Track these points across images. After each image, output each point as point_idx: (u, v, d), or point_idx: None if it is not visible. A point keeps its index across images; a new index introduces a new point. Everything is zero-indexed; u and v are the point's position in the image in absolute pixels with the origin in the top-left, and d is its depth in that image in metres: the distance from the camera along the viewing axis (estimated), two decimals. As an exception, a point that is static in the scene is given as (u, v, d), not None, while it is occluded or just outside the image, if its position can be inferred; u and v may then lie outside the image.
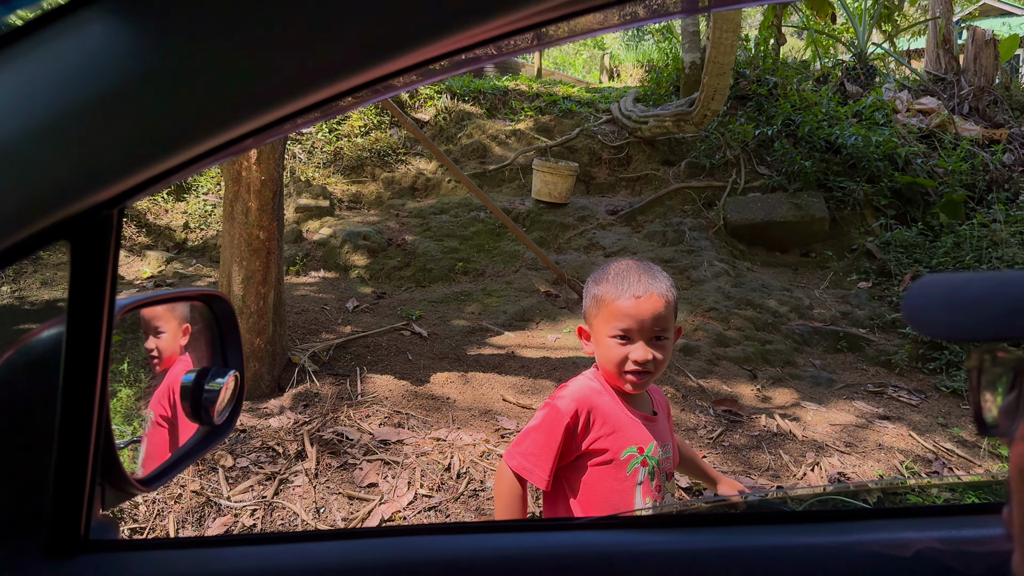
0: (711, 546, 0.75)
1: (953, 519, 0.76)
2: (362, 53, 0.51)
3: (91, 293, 0.63)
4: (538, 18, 0.52)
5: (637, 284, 1.46)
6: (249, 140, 0.58)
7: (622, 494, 1.49)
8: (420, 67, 0.55)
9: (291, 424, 3.45)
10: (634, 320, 1.44)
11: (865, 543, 0.73)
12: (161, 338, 0.99)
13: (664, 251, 6.52)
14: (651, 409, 1.60)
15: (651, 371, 1.46)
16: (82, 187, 0.54)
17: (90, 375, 0.66)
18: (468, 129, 8.76)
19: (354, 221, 7.05)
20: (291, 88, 0.52)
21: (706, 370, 4.63)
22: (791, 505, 0.97)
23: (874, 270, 6.48)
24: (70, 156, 0.52)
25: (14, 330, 0.78)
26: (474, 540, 0.74)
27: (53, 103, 0.51)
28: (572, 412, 1.47)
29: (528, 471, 1.49)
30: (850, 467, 3.54)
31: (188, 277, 6.01)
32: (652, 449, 1.52)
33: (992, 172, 7.46)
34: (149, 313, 0.99)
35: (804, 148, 7.49)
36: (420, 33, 0.50)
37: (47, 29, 0.51)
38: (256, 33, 0.50)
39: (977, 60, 9.31)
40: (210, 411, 0.91)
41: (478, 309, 5.56)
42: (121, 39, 0.50)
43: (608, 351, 1.48)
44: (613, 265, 1.54)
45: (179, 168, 0.57)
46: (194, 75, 0.51)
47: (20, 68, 0.51)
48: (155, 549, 0.72)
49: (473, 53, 0.56)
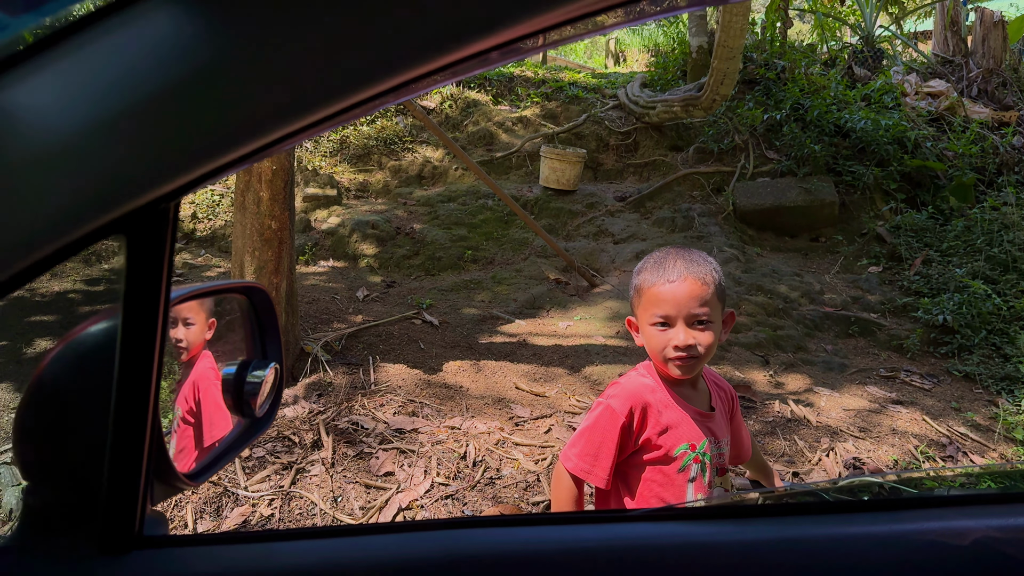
0: (761, 537, 0.75)
1: (1011, 506, 0.75)
2: (412, 52, 0.50)
3: (147, 287, 0.63)
4: (558, 19, 0.51)
5: (672, 269, 1.45)
6: (298, 136, 0.57)
7: (673, 489, 1.49)
8: (453, 65, 0.54)
9: (306, 413, 3.46)
10: (671, 305, 1.43)
11: (921, 531, 0.73)
12: (190, 329, 0.98)
13: (673, 237, 6.50)
14: (708, 404, 1.58)
15: (697, 355, 1.44)
16: (143, 182, 0.53)
17: (145, 368, 0.65)
18: (474, 116, 8.72)
19: (362, 210, 7.04)
20: (343, 85, 0.51)
21: (718, 356, 4.62)
22: (836, 495, 0.96)
23: (884, 254, 6.46)
24: (132, 150, 0.51)
25: (60, 324, 0.78)
26: (527, 532, 0.74)
27: (116, 96, 0.50)
28: (627, 411, 1.47)
29: (586, 472, 1.49)
30: (865, 452, 3.54)
31: (197, 267, 6.01)
32: (705, 445, 1.50)
33: (1002, 155, 7.41)
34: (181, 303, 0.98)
35: (813, 132, 7.45)
36: (468, 31, 0.49)
37: (110, 19, 0.50)
38: (316, 29, 0.49)
39: (985, 42, 9.23)
40: (251, 404, 0.91)
41: (488, 297, 5.55)
42: (184, 31, 0.49)
43: (651, 339, 1.48)
44: (654, 254, 1.53)
45: (235, 163, 0.56)
46: (255, 70, 0.50)
47: (83, 59, 0.50)
48: (208, 544, 0.72)
49: (485, 57, 0.55)
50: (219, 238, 6.69)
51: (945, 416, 4.02)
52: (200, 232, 6.81)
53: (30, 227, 0.52)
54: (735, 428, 1.69)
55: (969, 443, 3.74)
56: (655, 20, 1.72)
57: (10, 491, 1.20)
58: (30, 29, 0.48)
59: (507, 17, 0.48)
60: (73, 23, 0.49)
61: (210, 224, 6.86)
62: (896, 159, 7.21)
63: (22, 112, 0.51)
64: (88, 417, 0.69)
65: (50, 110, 0.50)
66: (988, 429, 3.92)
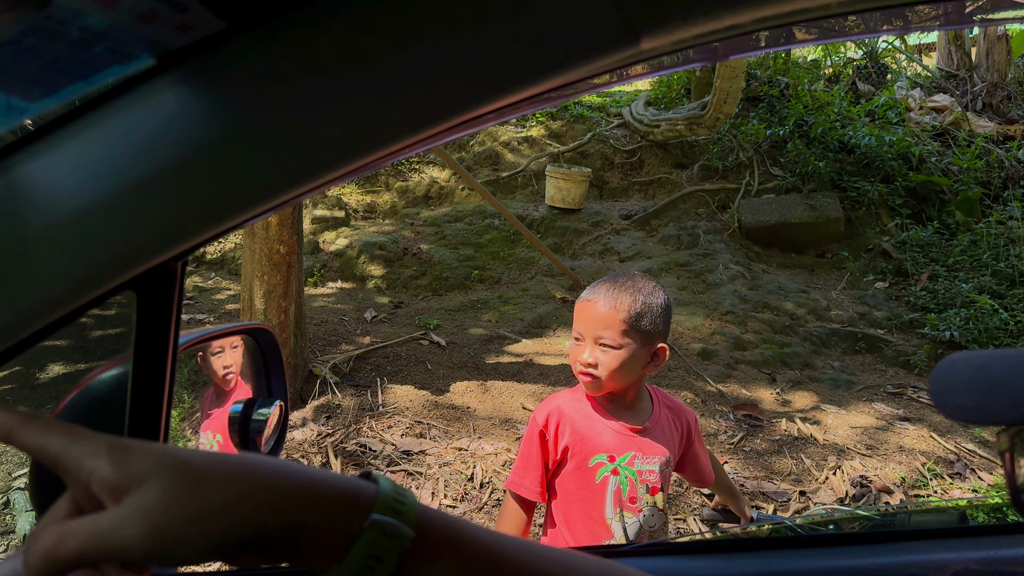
0: (747, 571, 0.77)
1: (989, 539, 0.77)
2: (410, 121, 0.53)
3: (155, 338, 0.66)
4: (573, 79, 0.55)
5: (598, 290, 1.52)
6: (300, 196, 0.61)
7: (592, 501, 1.51)
8: (460, 125, 0.58)
9: (314, 436, 3.49)
10: (582, 322, 1.52)
11: (902, 564, 0.75)
12: (236, 351, 1.01)
13: (679, 255, 6.53)
14: (642, 421, 1.58)
15: (594, 376, 1.49)
16: (152, 247, 0.57)
17: (154, 414, 0.69)
18: (480, 136, 8.79)
19: (369, 231, 7.10)
20: (342, 154, 0.55)
21: (725, 374, 4.63)
22: (816, 525, 0.98)
23: (891, 270, 6.46)
24: (144, 219, 0.55)
25: (72, 349, 0.81)
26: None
27: (129, 169, 0.53)
28: (544, 418, 1.54)
29: (518, 485, 1.54)
30: (872, 470, 3.54)
31: (207, 290, 6.07)
32: (628, 459, 1.52)
33: (1008, 169, 7.42)
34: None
35: (817, 148, 7.48)
36: (458, 105, 0.53)
37: (122, 98, 0.54)
38: (311, 106, 0.52)
39: (990, 55, 9.25)
40: (257, 441, 0.94)
41: (495, 317, 5.58)
42: (191, 107, 0.53)
43: (570, 351, 1.58)
44: (609, 275, 1.62)
45: (239, 224, 0.60)
46: (259, 142, 0.53)
47: (98, 135, 0.54)
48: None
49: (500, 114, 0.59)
50: (228, 261, 6.76)
51: (952, 433, 4.02)
52: (210, 255, 6.89)
53: (49, 289, 0.56)
54: (693, 454, 1.71)
55: (977, 460, 3.74)
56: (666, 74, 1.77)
57: (24, 516, 1.24)
58: (45, 113, 0.52)
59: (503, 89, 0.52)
60: (86, 103, 0.53)
61: (220, 247, 6.93)
62: (901, 174, 7.23)
63: (41, 184, 0.55)
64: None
65: (66, 182, 0.54)
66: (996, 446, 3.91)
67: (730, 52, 0.71)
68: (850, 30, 0.66)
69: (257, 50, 0.52)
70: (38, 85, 0.48)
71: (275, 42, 0.52)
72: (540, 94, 0.57)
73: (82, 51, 0.45)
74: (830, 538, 0.85)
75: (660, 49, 0.55)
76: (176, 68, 0.52)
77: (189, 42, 0.50)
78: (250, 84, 0.52)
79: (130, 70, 0.50)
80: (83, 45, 0.44)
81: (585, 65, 0.52)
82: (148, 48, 0.49)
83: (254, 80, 0.52)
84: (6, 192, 0.55)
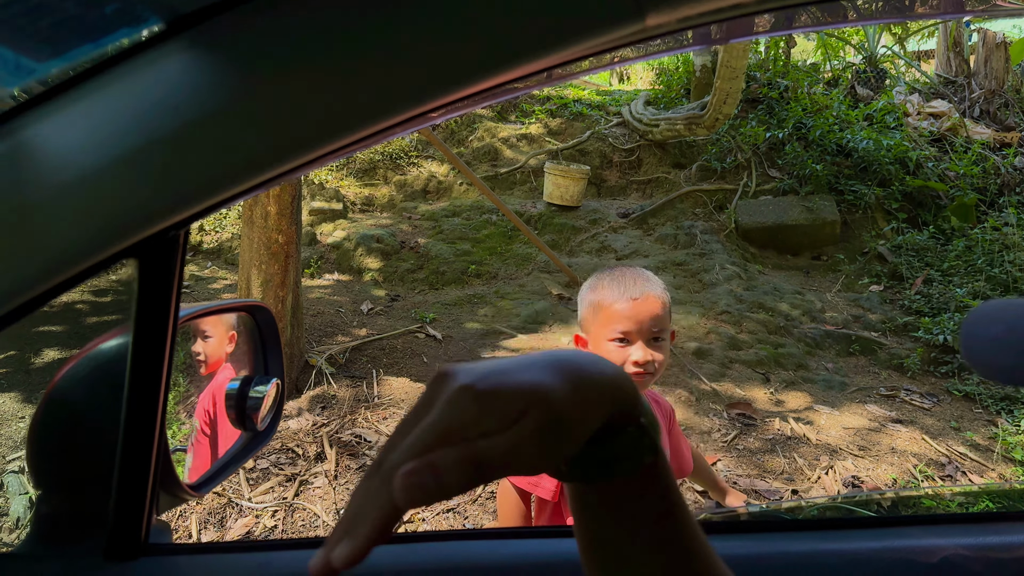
0: (737, 552, 0.78)
1: (979, 526, 0.78)
2: (415, 92, 0.54)
3: (157, 307, 0.67)
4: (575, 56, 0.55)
5: (633, 287, 1.48)
6: (301, 169, 0.61)
7: None
8: (465, 99, 0.59)
9: (310, 426, 3.49)
10: (633, 322, 1.46)
11: (891, 549, 0.76)
12: (208, 343, 1.01)
13: (676, 254, 6.54)
14: None
15: (652, 372, 1.47)
16: (155, 213, 0.57)
17: (154, 384, 0.69)
18: (479, 132, 8.79)
19: (367, 224, 7.10)
20: (347, 122, 0.55)
21: (719, 373, 4.64)
22: (805, 513, 0.99)
23: (885, 273, 6.48)
24: (147, 185, 0.55)
25: (68, 335, 0.81)
26: (528, 545, 0.77)
27: (134, 135, 0.54)
28: None
29: (533, 484, 1.52)
30: (864, 471, 3.55)
31: (204, 279, 6.06)
32: None
33: (1004, 175, 7.44)
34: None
35: (815, 151, 7.50)
36: (462, 78, 0.53)
37: (130, 62, 0.54)
38: (318, 71, 0.53)
39: (988, 63, 9.28)
40: (253, 418, 0.94)
41: (491, 312, 5.59)
42: (197, 74, 0.53)
43: (608, 355, 1.49)
44: (607, 272, 1.56)
45: (242, 194, 0.61)
46: (263, 109, 0.54)
47: (104, 100, 0.54)
48: (211, 553, 0.75)
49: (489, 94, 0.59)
50: (226, 250, 6.75)
51: (944, 436, 4.03)
52: (207, 244, 6.88)
53: (52, 253, 0.56)
54: (674, 443, 1.73)
55: (968, 463, 3.75)
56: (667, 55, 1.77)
57: (18, 499, 1.23)
58: (54, 75, 0.52)
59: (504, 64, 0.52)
60: (93, 67, 0.53)
61: (217, 236, 6.92)
62: (898, 179, 7.25)
63: (47, 146, 0.55)
64: (99, 429, 0.72)
65: (71, 146, 0.54)
66: (987, 449, 3.93)
67: (732, 35, 0.71)
68: (850, 15, 0.67)
69: (265, 17, 0.52)
70: (48, 44, 0.48)
71: (283, 10, 0.52)
72: (544, 69, 0.58)
73: (92, 10, 0.45)
74: (822, 522, 0.86)
75: (665, 27, 0.55)
76: (185, 33, 0.52)
77: (199, 6, 0.50)
78: (258, 52, 0.53)
79: (139, 33, 0.50)
80: (94, 4, 0.45)
81: (591, 40, 0.52)
82: (158, 11, 0.49)
83: (262, 48, 0.53)
84: (11, 154, 0.55)
